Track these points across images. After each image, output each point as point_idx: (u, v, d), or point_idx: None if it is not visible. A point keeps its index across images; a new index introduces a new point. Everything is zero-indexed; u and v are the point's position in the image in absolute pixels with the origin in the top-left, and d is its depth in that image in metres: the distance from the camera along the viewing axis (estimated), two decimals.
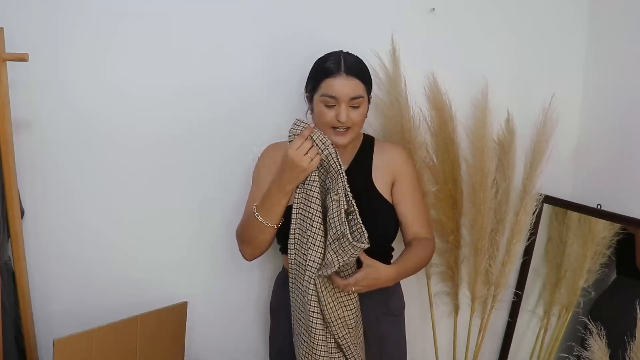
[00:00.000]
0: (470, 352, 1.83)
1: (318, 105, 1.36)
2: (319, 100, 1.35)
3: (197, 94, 1.61)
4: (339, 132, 1.35)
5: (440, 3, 1.69)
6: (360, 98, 1.34)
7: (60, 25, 1.51)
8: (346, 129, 1.35)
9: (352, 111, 1.34)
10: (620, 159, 1.67)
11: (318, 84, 1.35)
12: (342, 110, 1.33)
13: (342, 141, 1.36)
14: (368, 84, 1.39)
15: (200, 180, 1.66)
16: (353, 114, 1.34)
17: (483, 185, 1.65)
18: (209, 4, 1.58)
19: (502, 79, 1.72)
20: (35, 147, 1.55)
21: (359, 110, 1.36)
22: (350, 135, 1.37)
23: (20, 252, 1.50)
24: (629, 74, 1.63)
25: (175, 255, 1.69)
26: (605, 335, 1.42)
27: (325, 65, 1.36)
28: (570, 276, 1.77)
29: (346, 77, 1.33)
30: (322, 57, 1.39)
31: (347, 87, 1.32)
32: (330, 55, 1.38)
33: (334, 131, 1.35)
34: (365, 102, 1.38)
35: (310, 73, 1.40)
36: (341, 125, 1.34)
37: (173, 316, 1.62)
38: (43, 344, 1.59)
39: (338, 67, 1.33)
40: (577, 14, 1.78)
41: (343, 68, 1.33)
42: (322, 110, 1.35)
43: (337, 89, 1.32)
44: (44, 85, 1.52)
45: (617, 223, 1.61)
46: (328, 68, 1.34)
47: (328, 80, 1.33)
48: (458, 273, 1.79)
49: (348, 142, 1.37)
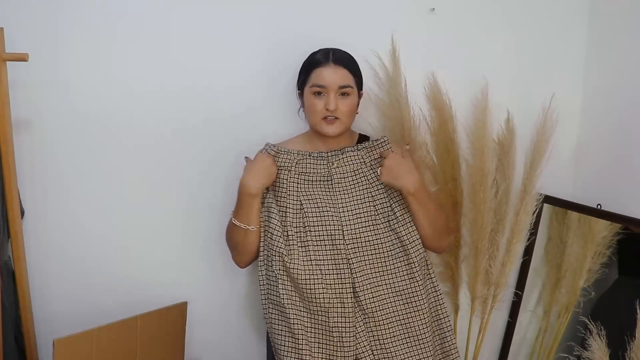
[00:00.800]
0: (470, 352, 1.83)
1: (308, 97, 1.41)
2: (309, 91, 1.41)
3: (197, 95, 1.61)
4: (329, 121, 1.40)
5: (440, 3, 1.69)
6: (348, 87, 1.39)
7: (60, 25, 1.51)
8: (335, 119, 1.40)
9: (341, 100, 1.39)
10: (620, 159, 1.67)
11: (308, 75, 1.42)
12: (331, 98, 1.38)
13: (331, 130, 1.40)
14: (357, 76, 1.44)
15: (200, 181, 1.66)
16: (342, 104, 1.39)
17: (483, 185, 1.65)
18: (209, 4, 1.58)
19: (502, 79, 1.72)
20: (35, 147, 1.55)
21: (347, 100, 1.40)
22: (339, 126, 1.41)
23: (20, 252, 1.50)
24: (629, 74, 1.63)
25: (175, 255, 1.69)
26: (605, 335, 1.42)
27: (314, 57, 1.43)
28: (570, 276, 1.77)
29: (335, 66, 1.39)
30: (312, 53, 1.45)
31: (336, 76, 1.38)
32: (319, 50, 1.45)
33: (324, 121, 1.40)
34: (355, 94, 1.42)
35: (300, 69, 1.45)
36: (331, 115, 1.39)
37: (173, 316, 1.62)
38: (43, 344, 1.59)
39: (327, 57, 1.40)
40: (577, 14, 1.78)
41: (331, 58, 1.40)
42: (312, 101, 1.40)
43: (326, 78, 1.38)
44: (44, 85, 1.53)
45: (617, 223, 1.61)
46: (317, 59, 1.41)
47: (317, 70, 1.40)
48: (458, 273, 1.79)
49: (338, 133, 1.41)
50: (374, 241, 1.40)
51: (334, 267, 1.38)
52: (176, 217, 1.67)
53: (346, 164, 1.45)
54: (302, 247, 1.39)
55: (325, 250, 1.39)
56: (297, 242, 1.39)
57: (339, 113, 1.39)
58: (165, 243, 1.68)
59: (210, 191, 1.66)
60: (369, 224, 1.40)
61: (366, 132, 1.67)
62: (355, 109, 1.45)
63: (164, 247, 1.68)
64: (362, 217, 1.40)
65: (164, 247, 1.68)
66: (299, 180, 1.44)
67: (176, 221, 1.67)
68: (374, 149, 1.46)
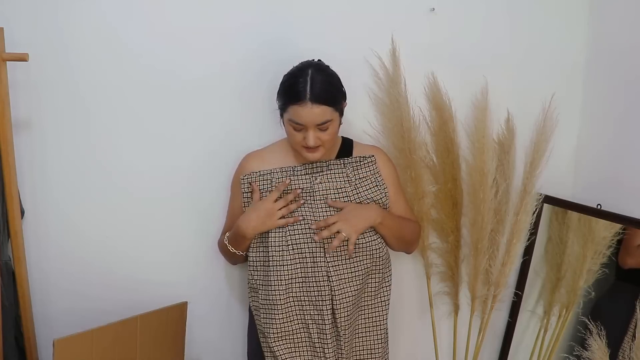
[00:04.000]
0: (470, 352, 1.83)
1: (287, 125, 1.39)
2: (287, 122, 1.38)
3: (199, 96, 1.61)
4: (310, 149, 1.38)
5: (440, 3, 1.69)
6: (328, 122, 1.35)
7: (60, 25, 1.51)
8: (316, 147, 1.38)
9: (321, 133, 1.37)
10: (620, 159, 1.67)
11: (285, 107, 1.37)
12: (310, 135, 1.35)
13: (313, 157, 1.40)
14: (338, 104, 1.38)
15: (200, 181, 1.66)
16: (322, 135, 1.37)
17: (483, 185, 1.65)
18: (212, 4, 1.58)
19: (502, 79, 1.72)
20: (35, 147, 1.55)
21: (328, 130, 1.37)
22: (321, 152, 1.40)
23: (20, 252, 1.50)
24: (629, 74, 1.63)
25: (175, 255, 1.69)
26: (605, 335, 1.42)
27: (292, 89, 1.34)
28: (570, 276, 1.77)
29: (312, 105, 1.31)
30: (290, 75, 1.38)
31: (314, 115, 1.32)
32: (297, 75, 1.35)
33: (305, 149, 1.39)
34: (335, 122, 1.39)
35: (278, 90, 1.40)
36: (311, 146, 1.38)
37: (173, 316, 1.62)
38: (43, 344, 1.59)
39: (304, 94, 1.31)
40: (577, 14, 1.78)
41: (309, 96, 1.31)
42: (292, 131, 1.38)
43: (303, 117, 1.33)
44: (44, 85, 1.52)
45: (617, 223, 1.61)
46: (295, 94, 1.33)
47: (294, 107, 1.33)
48: (458, 273, 1.79)
49: (319, 159, 1.42)
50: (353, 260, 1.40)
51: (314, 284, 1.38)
52: (176, 217, 1.67)
53: (330, 180, 1.43)
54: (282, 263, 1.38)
55: (306, 266, 1.39)
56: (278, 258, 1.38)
57: (320, 142, 1.37)
58: (166, 243, 1.68)
59: (211, 191, 1.66)
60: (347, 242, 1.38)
61: (366, 132, 1.67)
62: (337, 132, 1.42)
63: (164, 247, 1.68)
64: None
65: (164, 247, 1.68)
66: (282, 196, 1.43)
67: (176, 221, 1.67)
68: (361, 167, 1.46)
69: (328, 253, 1.37)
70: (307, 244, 1.38)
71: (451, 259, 1.78)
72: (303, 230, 1.39)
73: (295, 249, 1.39)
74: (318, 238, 1.35)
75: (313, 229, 1.37)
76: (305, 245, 1.38)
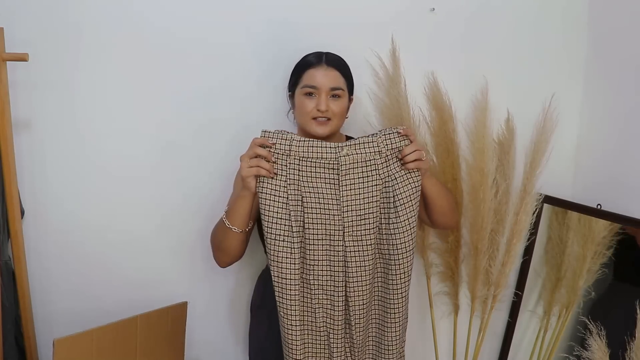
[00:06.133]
0: (470, 352, 1.83)
1: (299, 98, 1.41)
2: (300, 92, 1.41)
3: (198, 97, 1.61)
4: (320, 122, 1.40)
5: (440, 3, 1.69)
6: (340, 90, 1.40)
7: (60, 25, 1.51)
8: (326, 120, 1.39)
9: (332, 101, 1.39)
10: (620, 159, 1.67)
11: (300, 76, 1.42)
12: (322, 99, 1.38)
13: (322, 131, 1.39)
14: (348, 80, 1.45)
15: (200, 181, 1.66)
16: (333, 105, 1.39)
17: (483, 185, 1.65)
18: (212, 5, 1.58)
19: (502, 79, 1.72)
20: (35, 147, 1.55)
21: (339, 101, 1.40)
22: (330, 126, 1.40)
23: (20, 252, 1.50)
24: (629, 75, 1.63)
25: (175, 255, 1.69)
26: (605, 335, 1.42)
27: (306, 59, 1.44)
28: (570, 276, 1.77)
29: (327, 67, 1.40)
30: (305, 55, 1.46)
31: (328, 77, 1.39)
32: (312, 53, 1.45)
33: (315, 122, 1.40)
34: (346, 97, 1.43)
35: (292, 71, 1.46)
36: (321, 116, 1.38)
37: (173, 316, 1.62)
38: (43, 344, 1.59)
39: (319, 59, 1.41)
40: (577, 14, 1.78)
41: (324, 60, 1.41)
42: (303, 101, 1.40)
43: (318, 79, 1.38)
44: (44, 85, 1.53)
45: (617, 223, 1.61)
46: (309, 61, 1.42)
47: (309, 71, 1.40)
48: (458, 273, 1.79)
49: (328, 134, 1.41)
50: (373, 246, 1.30)
51: (327, 269, 1.30)
52: (176, 217, 1.67)
53: (358, 151, 1.27)
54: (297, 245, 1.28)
55: (321, 250, 1.29)
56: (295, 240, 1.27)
57: (330, 114, 1.39)
58: (165, 243, 1.68)
59: (211, 191, 1.66)
60: (372, 227, 1.29)
61: (366, 132, 1.66)
62: (346, 112, 1.45)
63: (164, 247, 1.68)
64: (366, 220, 1.29)
65: (164, 247, 1.68)
66: (300, 167, 1.27)
67: (176, 221, 1.67)
68: (392, 138, 1.29)
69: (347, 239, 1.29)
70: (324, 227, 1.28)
71: (451, 259, 1.78)
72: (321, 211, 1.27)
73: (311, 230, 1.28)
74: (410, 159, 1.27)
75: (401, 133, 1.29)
76: (323, 227, 1.28)
